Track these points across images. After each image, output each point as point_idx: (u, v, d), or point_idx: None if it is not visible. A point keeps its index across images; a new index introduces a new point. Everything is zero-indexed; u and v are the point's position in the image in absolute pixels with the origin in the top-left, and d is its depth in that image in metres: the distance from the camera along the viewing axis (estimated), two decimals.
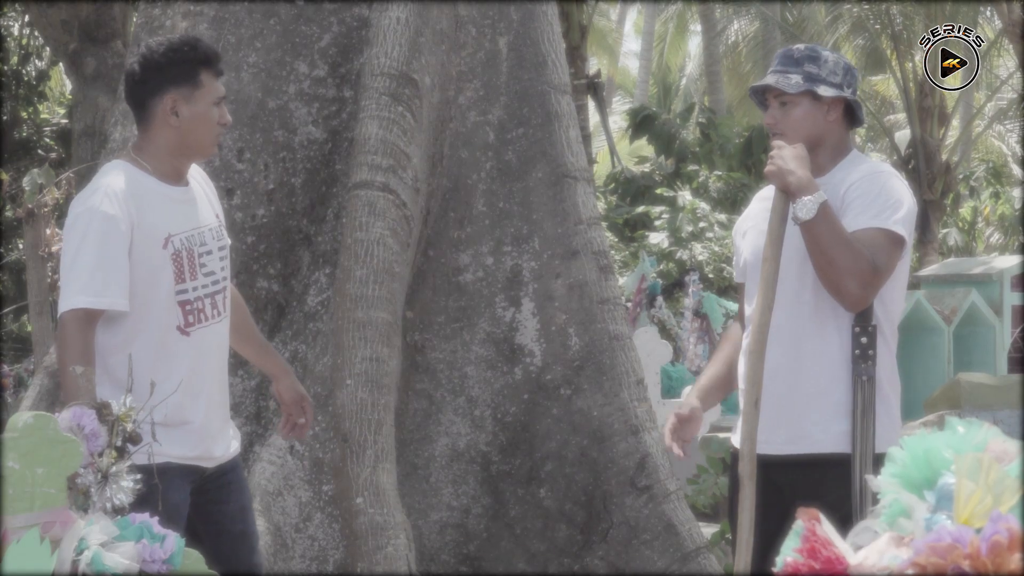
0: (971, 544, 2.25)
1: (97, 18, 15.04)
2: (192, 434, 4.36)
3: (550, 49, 6.72)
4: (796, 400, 4.32)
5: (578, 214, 6.57)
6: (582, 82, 22.85)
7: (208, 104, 4.39)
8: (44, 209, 11.37)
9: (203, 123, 4.38)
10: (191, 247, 4.37)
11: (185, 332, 4.35)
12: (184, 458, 4.34)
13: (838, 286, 4.20)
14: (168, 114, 4.37)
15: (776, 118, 4.42)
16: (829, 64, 4.39)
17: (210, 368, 4.43)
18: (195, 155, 4.47)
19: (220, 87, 4.44)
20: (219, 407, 4.52)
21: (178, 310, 4.34)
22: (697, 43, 41.16)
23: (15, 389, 16.03)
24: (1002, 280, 15.55)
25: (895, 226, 4.24)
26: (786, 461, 4.32)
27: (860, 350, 4.28)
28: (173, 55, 4.37)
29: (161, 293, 4.32)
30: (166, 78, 4.37)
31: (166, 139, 4.39)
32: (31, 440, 3.17)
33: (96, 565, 3.07)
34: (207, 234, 4.45)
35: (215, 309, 4.44)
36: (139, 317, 4.29)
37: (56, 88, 25.49)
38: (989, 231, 33.89)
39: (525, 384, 6.42)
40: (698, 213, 21.06)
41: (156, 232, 4.31)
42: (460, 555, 6.32)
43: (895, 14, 24.46)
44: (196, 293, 4.38)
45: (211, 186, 4.68)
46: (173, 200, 4.39)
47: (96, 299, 4.21)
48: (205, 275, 4.41)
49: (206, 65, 4.39)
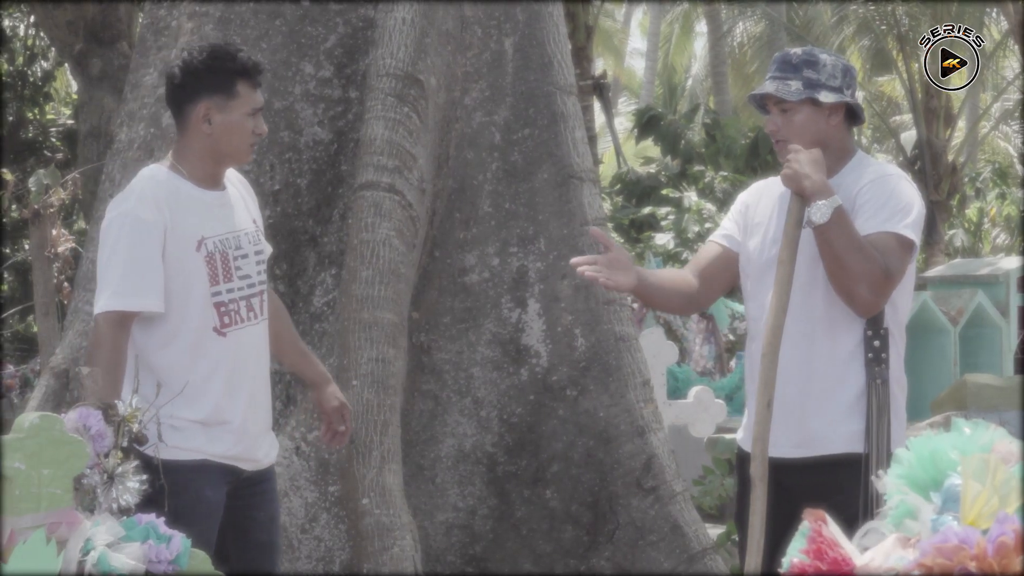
0: (977, 545, 2.24)
1: (103, 19, 15.04)
2: (231, 433, 4.41)
3: (556, 50, 6.72)
4: (806, 403, 4.31)
5: (584, 215, 6.57)
6: (588, 83, 22.85)
7: (242, 114, 4.43)
8: (50, 210, 11.36)
9: (236, 132, 4.43)
10: (225, 250, 4.42)
11: (221, 333, 4.40)
12: (223, 457, 4.40)
13: (850, 291, 4.18)
14: (201, 121, 4.42)
15: (778, 125, 4.40)
16: (828, 68, 4.36)
17: (248, 369, 4.47)
18: (229, 161, 4.52)
19: (257, 98, 4.49)
20: (259, 408, 4.55)
21: (213, 311, 4.39)
22: (703, 44, 41.17)
23: (21, 390, 16.03)
24: (1008, 281, 15.54)
25: (906, 230, 4.22)
26: (796, 464, 4.31)
27: (873, 353, 4.27)
28: (211, 63, 4.43)
29: (196, 295, 4.37)
30: (202, 85, 4.42)
31: (200, 145, 4.44)
32: (37, 441, 3.17)
33: (102, 566, 3.07)
34: (243, 238, 4.49)
35: (251, 311, 4.48)
36: (176, 318, 4.36)
37: (62, 89, 25.50)
38: (995, 232, 33.85)
39: (531, 385, 6.42)
40: (704, 214, 21.04)
41: (190, 235, 4.36)
42: (466, 556, 6.32)
43: (901, 15, 24.44)
44: (231, 295, 4.42)
45: (251, 192, 4.72)
46: (208, 204, 4.44)
47: (128, 301, 4.28)
48: (240, 278, 4.46)
49: (243, 76, 4.44)
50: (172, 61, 4.88)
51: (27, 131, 20.97)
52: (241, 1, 6.49)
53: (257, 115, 4.49)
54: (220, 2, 6.51)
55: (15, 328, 20.56)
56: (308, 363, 4.91)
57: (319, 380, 4.87)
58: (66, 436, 3.25)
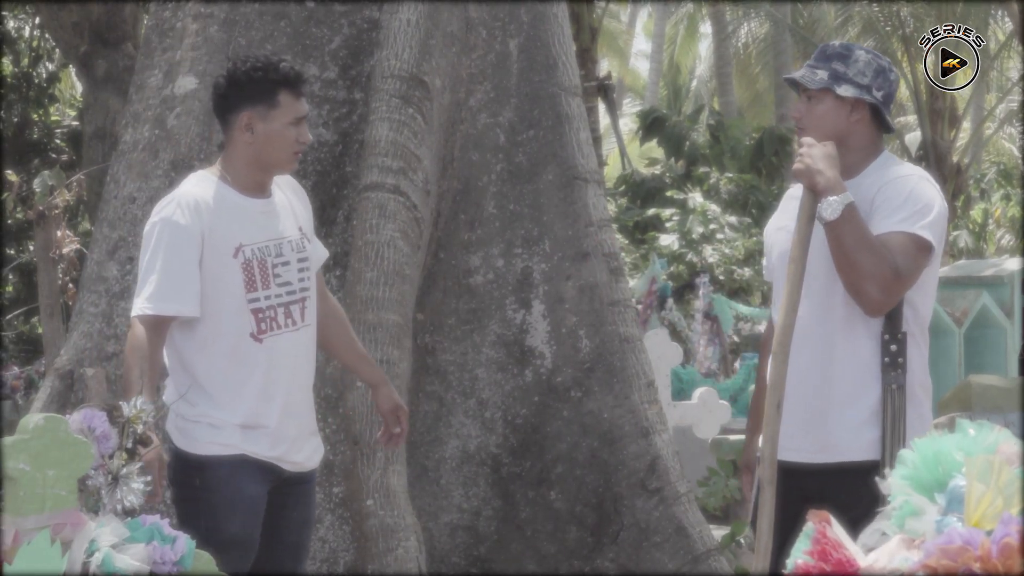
0: (981, 546, 2.24)
1: (108, 20, 15.06)
2: (267, 436, 4.46)
3: (560, 51, 6.72)
4: (826, 407, 4.26)
5: (588, 216, 6.57)
6: (592, 84, 22.86)
7: (284, 123, 4.49)
8: (55, 211, 11.39)
9: (277, 141, 4.49)
10: (264, 257, 4.48)
11: (258, 339, 4.45)
12: (262, 455, 4.46)
13: (858, 289, 4.15)
14: (243, 130, 4.49)
15: (801, 111, 4.38)
16: (859, 64, 4.32)
17: (284, 375, 4.51)
18: (272, 169, 4.58)
19: (300, 107, 4.54)
20: (297, 414, 4.59)
21: (251, 317, 4.45)
22: (707, 45, 41.18)
23: (26, 391, 16.05)
24: (1013, 282, 15.51)
25: (922, 231, 4.17)
26: (815, 469, 4.28)
27: (890, 358, 4.21)
28: (254, 73, 4.49)
29: (232, 300, 4.43)
30: (244, 95, 4.49)
31: (243, 153, 4.51)
32: (42, 442, 3.18)
33: (107, 566, 3.08)
34: (285, 245, 4.55)
35: (289, 318, 4.52)
36: (213, 323, 4.43)
37: (67, 90, 25.53)
38: (1000, 233, 33.84)
39: (535, 386, 6.42)
40: (708, 215, 21.05)
41: (227, 242, 4.43)
42: (470, 557, 6.32)
43: (906, 16, 24.43)
44: (269, 302, 4.48)
45: (302, 198, 4.78)
46: (249, 211, 4.51)
47: (163, 305, 4.36)
48: (279, 285, 4.51)
49: (286, 86, 4.50)
50: (218, 72, 4.95)
51: (32, 132, 20.99)
52: (247, 2, 6.50)
53: (301, 124, 4.54)
54: (225, 2, 6.51)
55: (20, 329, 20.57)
56: (365, 365, 4.98)
57: (376, 382, 4.93)
58: (71, 437, 3.25)
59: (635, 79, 46.07)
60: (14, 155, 19.62)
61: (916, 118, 27.37)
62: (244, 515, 4.41)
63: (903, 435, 4.19)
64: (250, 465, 4.42)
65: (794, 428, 4.22)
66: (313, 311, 4.65)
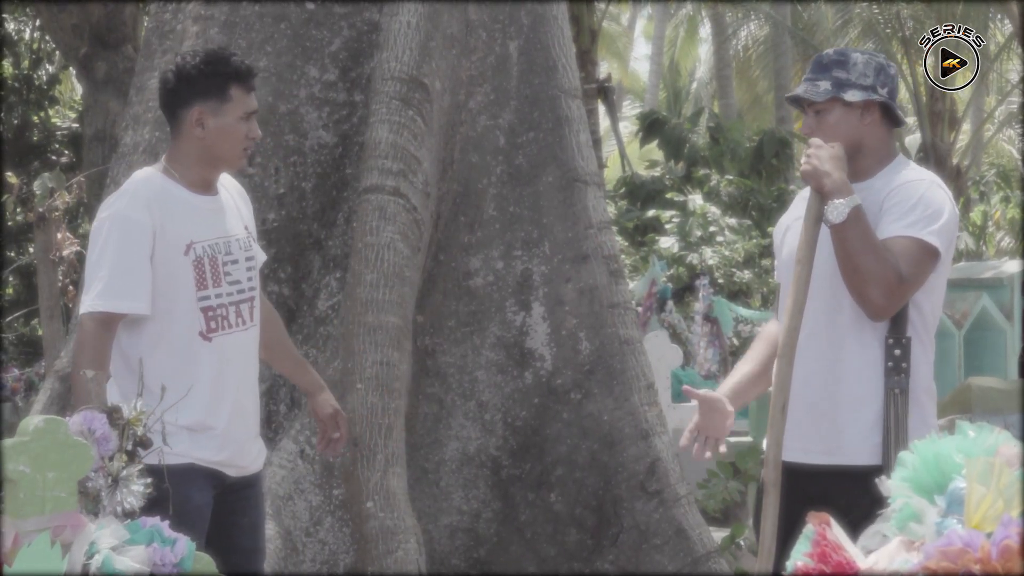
0: (982, 548, 2.24)
1: (108, 22, 15.06)
2: (215, 439, 4.38)
3: (560, 53, 6.72)
4: (834, 410, 4.24)
5: (588, 218, 6.57)
6: (592, 86, 22.86)
7: (235, 118, 4.42)
8: (55, 213, 11.38)
9: (229, 136, 4.42)
10: (214, 255, 4.41)
11: (207, 338, 4.38)
12: (208, 461, 4.38)
13: (862, 293, 4.13)
14: (194, 125, 4.42)
15: (812, 127, 4.35)
16: (859, 67, 4.30)
17: (234, 375, 4.44)
18: (222, 166, 4.51)
19: (251, 102, 4.47)
20: (245, 415, 4.52)
21: (200, 316, 4.38)
22: (707, 48, 41.17)
23: (26, 393, 16.03)
24: (1013, 284, 15.52)
25: (929, 236, 4.15)
26: (820, 471, 4.26)
27: (893, 362, 4.20)
28: (204, 67, 4.42)
29: (182, 299, 4.36)
30: (195, 90, 4.42)
31: (193, 149, 4.44)
32: (42, 444, 3.17)
33: (107, 568, 3.07)
34: (233, 244, 4.48)
35: (239, 317, 4.46)
36: (162, 322, 4.35)
37: (67, 92, 25.52)
38: (999, 235, 33.83)
39: (535, 388, 6.42)
40: (708, 217, 21.05)
41: (178, 239, 4.36)
42: (470, 559, 6.32)
43: (905, 18, 24.44)
44: (219, 300, 4.41)
45: (245, 199, 4.71)
46: (199, 209, 4.43)
47: (114, 303, 4.28)
48: (230, 283, 4.44)
49: (237, 80, 4.44)
50: (166, 66, 4.87)
51: (32, 134, 20.99)
52: (247, 2, 6.50)
53: (251, 119, 4.47)
54: (226, 4, 6.51)
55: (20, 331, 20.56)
56: (302, 371, 4.90)
57: (313, 388, 4.86)
58: (71, 439, 3.25)
59: (635, 81, 46.07)
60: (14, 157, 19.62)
61: (916, 120, 27.36)
62: (190, 524, 4.27)
63: (905, 440, 4.17)
64: (196, 473, 4.32)
65: (801, 429, 4.21)
66: (259, 311, 4.58)
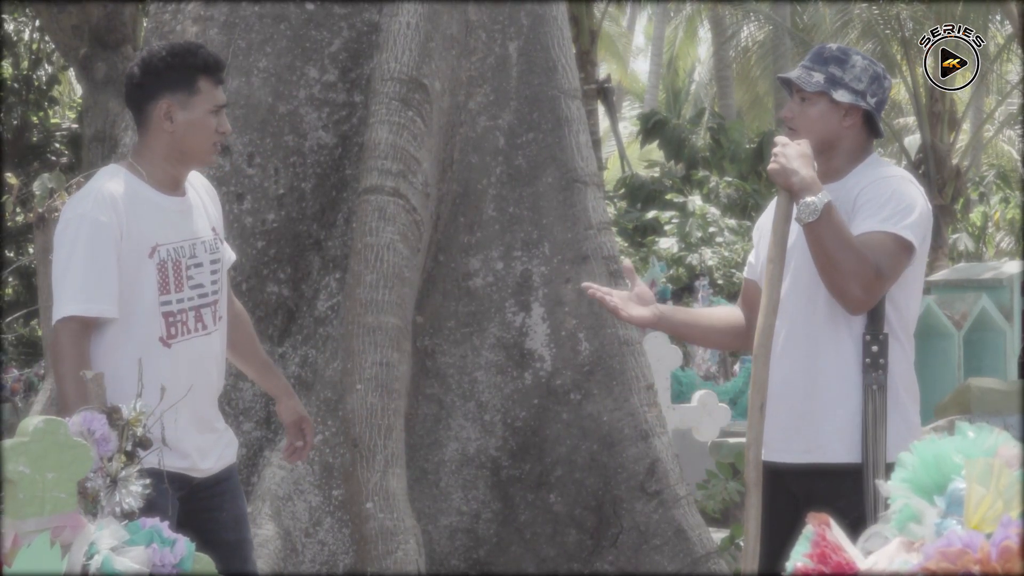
0: (981, 549, 2.24)
1: (108, 23, 15.07)
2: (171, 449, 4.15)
3: (560, 54, 6.72)
4: (812, 408, 4.27)
5: (588, 219, 6.57)
6: (592, 87, 22.90)
7: (204, 111, 4.33)
8: (54, 214, 11.38)
9: (198, 130, 4.33)
10: (179, 258, 4.32)
11: (167, 344, 4.29)
12: (169, 466, 4.15)
13: (840, 289, 4.15)
14: (163, 119, 4.32)
15: (794, 112, 4.37)
16: (856, 70, 4.32)
17: (191, 381, 4.27)
18: (191, 162, 4.41)
19: (220, 95, 4.38)
20: (203, 421, 4.42)
21: (161, 321, 4.28)
22: (706, 48, 41.19)
23: (25, 393, 16.06)
24: (1012, 285, 15.51)
25: (904, 231, 4.17)
26: (801, 470, 4.28)
27: (871, 359, 4.21)
28: (172, 60, 4.33)
29: (144, 303, 4.26)
30: (163, 83, 4.32)
31: (161, 145, 4.34)
32: (41, 444, 3.17)
33: (106, 569, 3.07)
34: (199, 246, 4.39)
35: (200, 322, 4.36)
36: (122, 326, 4.24)
37: (66, 93, 25.54)
38: (999, 236, 33.86)
39: (535, 389, 6.42)
40: (708, 218, 21.07)
41: (143, 241, 4.26)
42: (470, 560, 6.32)
43: (905, 18, 24.43)
44: (180, 305, 4.32)
45: (214, 198, 4.61)
46: (165, 210, 4.34)
47: (87, 306, 4.18)
48: (192, 287, 4.35)
49: (205, 72, 4.34)
50: (131, 61, 4.79)
51: (32, 135, 21.01)
52: (247, 3, 6.50)
53: (220, 113, 4.37)
54: (225, 5, 6.51)
55: (19, 332, 20.58)
56: (268, 375, 4.83)
57: (279, 393, 4.79)
58: (70, 440, 3.25)
59: (634, 82, 46.08)
60: (14, 158, 19.64)
61: (915, 121, 27.36)
62: None
63: (883, 437, 4.19)
64: (156, 477, 4.08)
65: (781, 429, 4.23)
66: (224, 313, 4.49)
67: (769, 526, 4.12)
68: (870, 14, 25.25)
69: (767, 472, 4.15)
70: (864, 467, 4.18)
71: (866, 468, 4.18)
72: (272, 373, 4.85)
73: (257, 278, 6.32)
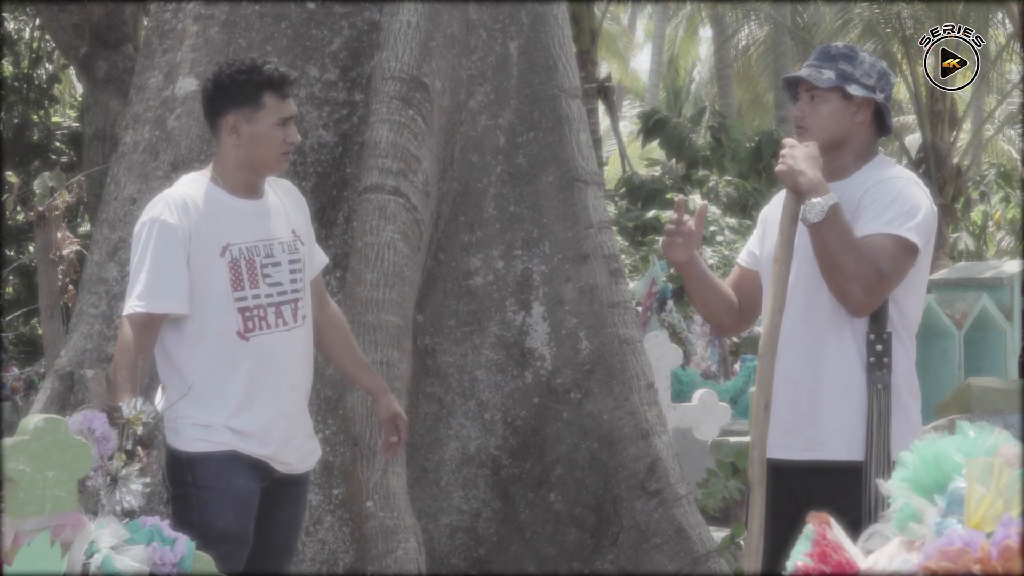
0: (981, 548, 2.24)
1: (108, 22, 15.07)
2: (254, 437, 4.48)
3: (560, 53, 6.72)
4: (815, 406, 4.27)
5: (588, 218, 6.57)
6: (592, 86, 22.88)
7: (270, 124, 4.53)
8: (55, 212, 11.40)
9: (264, 142, 4.52)
10: (252, 256, 4.51)
11: (244, 337, 4.48)
12: (255, 453, 4.48)
13: (842, 290, 4.16)
14: (230, 132, 4.53)
15: (804, 112, 4.37)
16: (864, 65, 4.34)
17: (273, 374, 4.53)
18: (262, 170, 4.61)
19: (287, 108, 4.57)
20: (287, 414, 4.60)
21: (237, 316, 4.48)
22: (707, 47, 41.18)
23: (26, 392, 16.06)
24: (1013, 284, 15.51)
25: (908, 233, 4.18)
26: (803, 467, 4.28)
27: (875, 358, 4.22)
28: (238, 76, 4.54)
29: (219, 299, 4.47)
30: (229, 98, 4.53)
31: (231, 155, 4.56)
32: (42, 443, 3.18)
33: (107, 568, 3.08)
34: (276, 246, 4.58)
35: (280, 318, 4.54)
36: (200, 321, 4.46)
37: (67, 92, 25.54)
38: (1000, 235, 33.85)
39: (535, 388, 6.42)
40: (708, 217, 21.06)
41: (214, 241, 4.47)
42: (470, 559, 6.32)
43: (906, 18, 24.42)
44: (257, 301, 4.51)
45: (298, 202, 4.80)
46: (239, 211, 4.54)
47: (152, 303, 4.41)
48: (269, 284, 4.53)
49: (270, 87, 4.53)
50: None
51: (32, 134, 21.01)
52: (247, 2, 6.50)
53: (288, 124, 4.57)
54: (226, 4, 6.51)
55: (20, 330, 20.59)
56: (365, 373, 4.98)
57: (375, 391, 4.93)
58: (71, 439, 3.25)
59: (635, 81, 46.07)
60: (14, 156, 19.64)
61: (916, 120, 27.35)
62: (235, 509, 4.43)
63: (887, 436, 4.20)
64: (241, 460, 4.44)
65: (783, 426, 4.24)
66: (308, 313, 4.66)
67: (769, 524, 4.12)
68: (871, 13, 25.24)
69: (769, 470, 4.16)
70: (867, 465, 4.19)
71: (869, 466, 4.19)
72: (369, 372, 5.02)
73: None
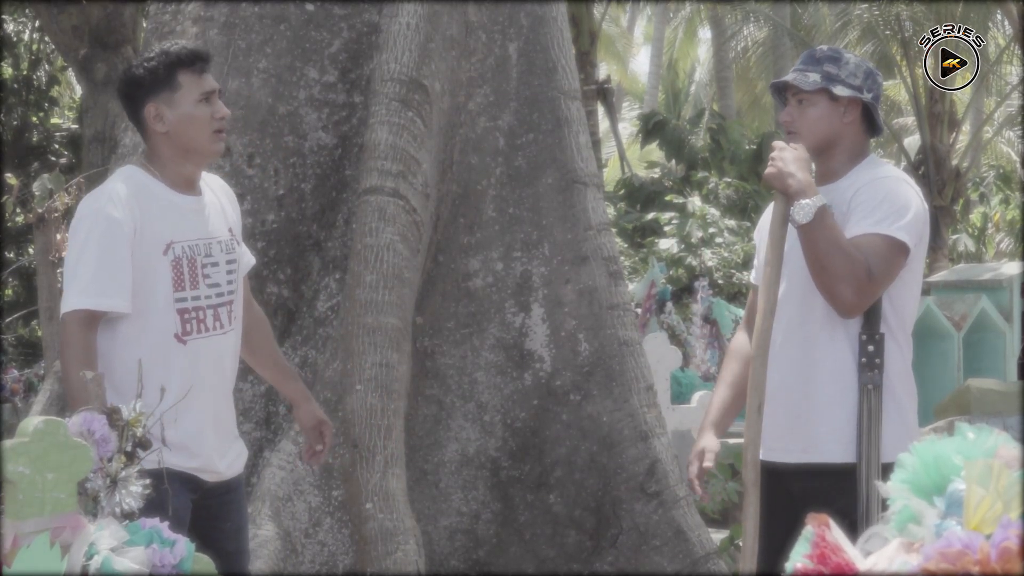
0: (981, 550, 2.24)
1: (107, 24, 15.08)
2: (184, 450, 4.27)
3: (560, 55, 6.72)
4: (809, 408, 4.28)
5: (588, 220, 6.57)
6: (592, 88, 22.89)
7: (192, 103, 4.35)
8: (54, 214, 11.40)
9: (191, 123, 4.34)
10: (193, 256, 4.34)
11: (182, 340, 4.31)
12: (181, 467, 4.26)
13: (832, 291, 4.16)
14: (154, 122, 4.35)
15: (793, 116, 4.38)
16: (850, 66, 4.36)
17: (208, 379, 4.36)
18: (197, 156, 4.41)
19: (205, 83, 4.38)
20: (218, 421, 4.45)
21: (176, 317, 4.30)
22: (706, 49, 41.19)
23: (25, 394, 16.07)
24: (1012, 286, 15.53)
25: (897, 232, 4.18)
26: (798, 470, 4.29)
27: (867, 358, 4.23)
28: (147, 63, 4.37)
29: (159, 299, 4.29)
30: (145, 89, 4.36)
31: (162, 146, 4.37)
32: (41, 445, 3.18)
33: (106, 570, 3.08)
34: (214, 246, 4.41)
35: (217, 321, 4.39)
36: (138, 322, 4.27)
37: (66, 93, 25.54)
38: (999, 237, 33.86)
39: (535, 390, 6.42)
40: (708, 219, 21.07)
41: (157, 238, 4.29)
42: (470, 560, 6.32)
43: (905, 19, 24.43)
44: (196, 303, 4.34)
45: (232, 201, 4.63)
46: (180, 208, 4.37)
47: (97, 300, 4.21)
48: (208, 286, 4.37)
49: (183, 65, 4.35)
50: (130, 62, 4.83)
51: (31, 136, 21.01)
52: (247, 3, 6.50)
53: (212, 99, 4.38)
54: (225, 5, 6.51)
55: (19, 332, 20.58)
56: (287, 379, 4.84)
57: (298, 397, 4.80)
58: (70, 440, 3.25)
59: (634, 83, 46.09)
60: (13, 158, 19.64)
61: (915, 122, 27.35)
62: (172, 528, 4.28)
63: (879, 437, 4.20)
64: (171, 477, 4.05)
65: (778, 429, 4.25)
66: (239, 315, 4.51)
67: (767, 526, 4.14)
68: (870, 14, 25.26)
69: (765, 472, 4.17)
70: (859, 467, 4.20)
71: (860, 468, 4.19)
72: (290, 377, 4.86)
73: (257, 279, 6.31)
